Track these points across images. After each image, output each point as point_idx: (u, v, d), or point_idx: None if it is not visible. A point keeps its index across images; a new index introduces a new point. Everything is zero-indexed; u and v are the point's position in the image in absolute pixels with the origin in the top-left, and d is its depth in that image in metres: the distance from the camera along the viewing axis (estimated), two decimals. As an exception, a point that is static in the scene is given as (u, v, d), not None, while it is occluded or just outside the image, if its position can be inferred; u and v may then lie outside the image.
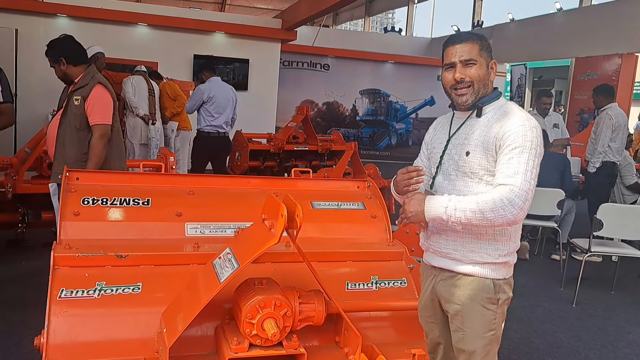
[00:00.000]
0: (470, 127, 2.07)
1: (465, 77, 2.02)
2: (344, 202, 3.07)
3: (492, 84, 2.09)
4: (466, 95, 2.04)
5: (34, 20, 9.40)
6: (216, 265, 2.10)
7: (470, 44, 2.03)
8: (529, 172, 1.90)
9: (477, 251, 2.02)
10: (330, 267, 2.70)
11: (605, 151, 6.16)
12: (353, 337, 2.27)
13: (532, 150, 1.92)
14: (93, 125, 3.67)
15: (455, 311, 2.07)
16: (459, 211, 1.91)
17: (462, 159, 2.05)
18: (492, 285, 2.02)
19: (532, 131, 1.94)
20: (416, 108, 14.51)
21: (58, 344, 2.11)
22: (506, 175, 1.90)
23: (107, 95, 3.74)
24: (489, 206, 1.87)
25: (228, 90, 6.85)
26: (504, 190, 1.88)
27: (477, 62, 2.02)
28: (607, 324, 4.40)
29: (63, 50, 3.77)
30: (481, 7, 16.57)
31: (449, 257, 2.09)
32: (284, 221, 1.87)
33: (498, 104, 2.07)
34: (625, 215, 4.92)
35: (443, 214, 1.93)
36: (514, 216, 1.88)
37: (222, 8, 23.25)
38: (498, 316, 2.04)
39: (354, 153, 6.85)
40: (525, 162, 1.90)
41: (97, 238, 2.49)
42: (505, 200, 1.87)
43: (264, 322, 2.09)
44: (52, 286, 2.21)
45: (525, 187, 1.88)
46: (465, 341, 2.05)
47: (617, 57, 11.13)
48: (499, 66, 2.29)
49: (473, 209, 1.89)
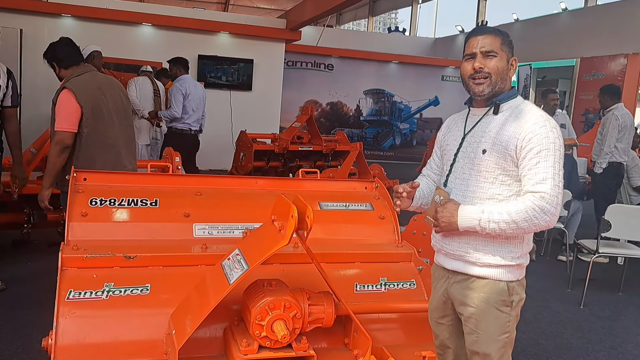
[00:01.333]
0: (486, 125, 2.05)
1: (484, 68, 2.02)
2: (352, 203, 3.05)
3: (510, 80, 2.08)
4: (483, 85, 2.03)
5: (38, 20, 9.39)
6: (225, 267, 2.08)
7: (492, 36, 2.03)
8: (557, 176, 1.89)
9: (491, 254, 2.00)
10: (338, 269, 2.68)
11: (611, 152, 6.14)
12: (363, 339, 2.26)
13: (557, 152, 1.91)
14: (54, 131, 3.57)
15: (469, 314, 2.05)
16: (492, 223, 1.91)
17: (479, 157, 2.02)
18: (506, 287, 2.00)
19: (554, 132, 1.93)
20: (420, 108, 14.49)
21: (66, 345, 2.10)
22: (535, 182, 1.89)
23: (70, 101, 3.54)
24: (521, 216, 1.88)
25: (200, 89, 6.86)
26: (534, 198, 1.87)
27: (497, 54, 2.02)
28: (615, 326, 4.37)
29: (54, 55, 3.76)
30: (485, 7, 16.54)
31: (462, 260, 2.07)
32: (294, 222, 1.86)
33: (515, 103, 2.05)
34: (633, 216, 4.90)
35: (477, 225, 1.94)
36: (547, 223, 1.88)
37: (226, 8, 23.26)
38: (512, 318, 2.03)
39: (359, 153, 6.84)
40: (552, 166, 1.89)
41: (105, 239, 2.48)
42: (537, 209, 1.86)
43: (274, 323, 2.07)
44: (60, 287, 2.19)
45: (555, 192, 1.88)
46: (480, 344, 2.03)
47: (623, 57, 11.07)
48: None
49: (506, 220, 1.89)
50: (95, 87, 3.70)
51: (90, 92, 3.64)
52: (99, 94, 3.69)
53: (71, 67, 3.74)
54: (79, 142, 3.60)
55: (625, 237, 5.14)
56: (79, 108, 3.56)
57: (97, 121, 3.63)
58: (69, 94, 3.55)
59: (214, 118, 8.43)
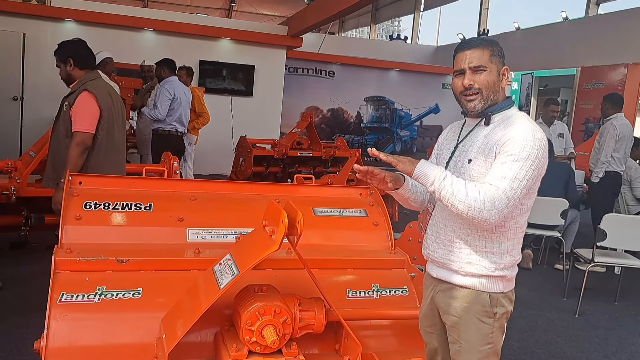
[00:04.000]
0: (476, 135, 2.05)
1: (474, 84, 2.00)
2: (346, 209, 3.06)
3: (504, 90, 2.06)
4: (474, 102, 2.02)
5: (41, 24, 9.44)
6: (216, 271, 2.09)
7: (480, 50, 2.00)
8: (517, 181, 1.86)
9: (474, 263, 2.00)
10: (331, 275, 2.69)
11: (608, 161, 6.16)
12: (353, 346, 2.26)
13: (528, 161, 1.87)
14: (73, 132, 3.59)
15: (452, 323, 2.06)
16: (447, 181, 1.89)
17: (465, 166, 2.03)
18: (489, 298, 2.00)
19: (534, 143, 1.89)
20: (421, 116, 14.51)
21: (57, 348, 2.11)
22: (494, 177, 1.88)
23: (91, 103, 3.61)
24: (473, 194, 1.86)
25: (185, 91, 6.84)
26: (489, 188, 1.86)
27: (486, 68, 2.00)
28: (610, 335, 4.37)
29: (73, 51, 3.76)
30: (487, 15, 16.57)
31: (445, 268, 2.08)
32: (284, 227, 1.86)
33: (508, 114, 2.03)
34: (629, 225, 4.90)
35: (432, 175, 1.92)
36: (489, 215, 1.85)
37: (229, 14, 23.37)
38: (495, 330, 2.01)
39: (358, 160, 6.85)
40: (516, 170, 1.86)
41: (99, 242, 2.49)
42: (489, 197, 1.84)
43: (264, 329, 2.08)
44: (52, 290, 2.20)
45: (509, 193, 1.85)
46: (462, 354, 2.04)
47: (623, 67, 11.09)
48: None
49: (460, 187, 1.87)
50: (107, 92, 3.80)
51: (106, 97, 3.73)
52: (110, 99, 3.78)
53: (85, 70, 3.79)
54: (93, 145, 3.66)
55: (622, 247, 5.14)
56: (99, 111, 3.64)
57: (109, 126, 3.72)
58: (90, 96, 3.62)
59: (215, 123, 8.44)
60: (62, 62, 3.77)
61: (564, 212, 5.52)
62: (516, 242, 2.04)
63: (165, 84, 6.65)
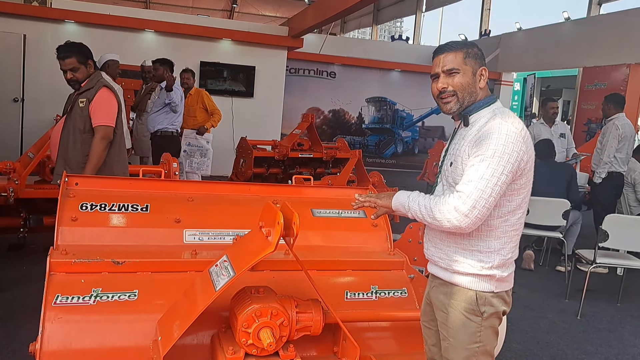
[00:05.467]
0: (460, 138, 2.06)
1: (448, 87, 2.03)
2: (345, 210, 3.04)
3: (483, 90, 2.06)
4: (450, 104, 2.05)
5: (42, 26, 9.44)
6: (212, 273, 2.07)
7: (453, 53, 2.03)
8: (484, 180, 1.86)
9: (461, 262, 2.01)
10: (329, 276, 2.67)
11: (610, 161, 6.12)
12: (351, 348, 2.24)
13: (495, 158, 1.86)
14: (96, 127, 3.73)
15: (442, 319, 2.08)
16: (414, 204, 2.00)
17: (448, 169, 2.06)
18: (475, 297, 1.98)
19: (504, 137, 1.87)
20: (422, 116, 14.47)
21: (52, 350, 2.09)
22: (461, 183, 1.92)
23: (112, 99, 3.81)
24: (438, 207, 1.93)
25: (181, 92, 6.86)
26: (453, 196, 1.91)
27: (460, 70, 2.01)
28: (612, 337, 4.33)
29: (90, 53, 3.90)
30: (489, 16, 16.57)
31: (437, 265, 2.12)
32: (280, 229, 1.85)
33: (487, 111, 2.02)
34: (632, 226, 4.86)
35: (405, 204, 2.03)
36: (459, 222, 1.88)
37: (231, 15, 23.40)
38: (484, 329, 2.00)
39: (358, 161, 6.82)
40: (483, 170, 1.86)
41: (95, 244, 2.48)
42: (451, 206, 1.89)
43: (260, 331, 2.06)
44: (47, 292, 2.19)
45: (475, 195, 1.86)
46: (449, 351, 2.05)
47: (625, 67, 11.05)
48: (505, 75, 2.26)
49: (426, 205, 1.96)
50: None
51: (117, 95, 3.92)
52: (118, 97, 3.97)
53: (94, 71, 3.92)
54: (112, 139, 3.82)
55: (624, 248, 5.11)
56: (117, 107, 3.83)
57: (119, 123, 3.89)
58: (110, 92, 3.81)
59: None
60: (82, 64, 3.84)
61: (565, 213, 5.49)
62: (506, 241, 2.01)
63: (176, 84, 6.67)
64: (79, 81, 3.84)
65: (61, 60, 3.80)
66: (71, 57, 3.79)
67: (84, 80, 3.85)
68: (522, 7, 58.34)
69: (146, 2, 22.40)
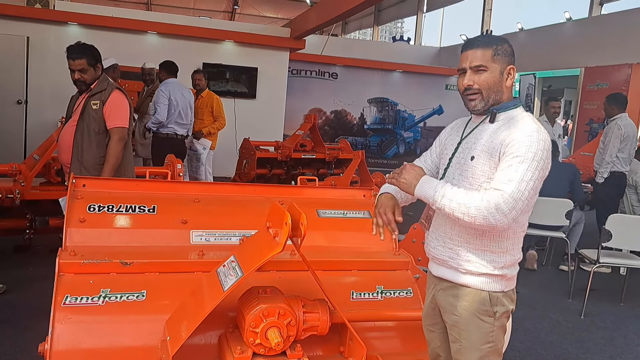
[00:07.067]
0: (480, 133, 2.04)
1: (474, 84, 2.00)
2: (350, 210, 3.06)
3: (509, 90, 2.05)
4: (475, 101, 2.02)
5: (45, 28, 9.46)
6: (220, 273, 2.09)
7: (482, 49, 2.00)
8: (524, 182, 1.85)
9: (473, 262, 1.99)
10: (335, 276, 2.69)
11: (613, 161, 6.14)
12: (357, 347, 2.26)
13: (534, 162, 1.87)
14: (111, 128, 3.79)
15: (452, 322, 2.05)
16: (446, 198, 1.90)
17: (467, 163, 2.02)
18: (489, 297, 1.99)
19: (539, 143, 1.89)
20: (424, 117, 14.48)
21: (62, 350, 2.11)
22: (500, 181, 1.87)
23: (125, 101, 3.91)
24: (475, 203, 1.85)
25: (188, 93, 6.78)
26: (494, 194, 1.85)
27: (487, 68, 1.99)
28: (616, 336, 4.35)
29: (100, 56, 3.95)
30: (490, 16, 16.57)
31: (446, 266, 2.07)
32: (288, 229, 1.86)
33: (513, 114, 2.02)
34: (635, 226, 4.87)
35: (431, 196, 1.93)
36: (496, 221, 1.84)
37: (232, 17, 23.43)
38: (496, 329, 2.00)
39: (361, 161, 6.84)
40: (523, 172, 1.85)
41: (103, 245, 2.50)
42: (492, 203, 1.83)
43: (268, 331, 2.08)
44: (56, 292, 2.21)
45: (516, 195, 1.84)
46: (462, 353, 2.03)
47: (627, 67, 11.05)
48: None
49: (460, 201, 1.87)
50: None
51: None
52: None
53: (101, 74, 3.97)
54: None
55: (627, 247, 5.12)
56: (129, 109, 3.92)
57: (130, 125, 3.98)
58: (122, 94, 3.91)
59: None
60: (91, 66, 3.87)
61: (568, 213, 5.50)
62: (516, 241, 2.03)
63: (162, 85, 6.63)
64: (86, 82, 3.86)
65: (71, 61, 3.82)
66: (82, 59, 3.81)
67: (92, 82, 3.87)
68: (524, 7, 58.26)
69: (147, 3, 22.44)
